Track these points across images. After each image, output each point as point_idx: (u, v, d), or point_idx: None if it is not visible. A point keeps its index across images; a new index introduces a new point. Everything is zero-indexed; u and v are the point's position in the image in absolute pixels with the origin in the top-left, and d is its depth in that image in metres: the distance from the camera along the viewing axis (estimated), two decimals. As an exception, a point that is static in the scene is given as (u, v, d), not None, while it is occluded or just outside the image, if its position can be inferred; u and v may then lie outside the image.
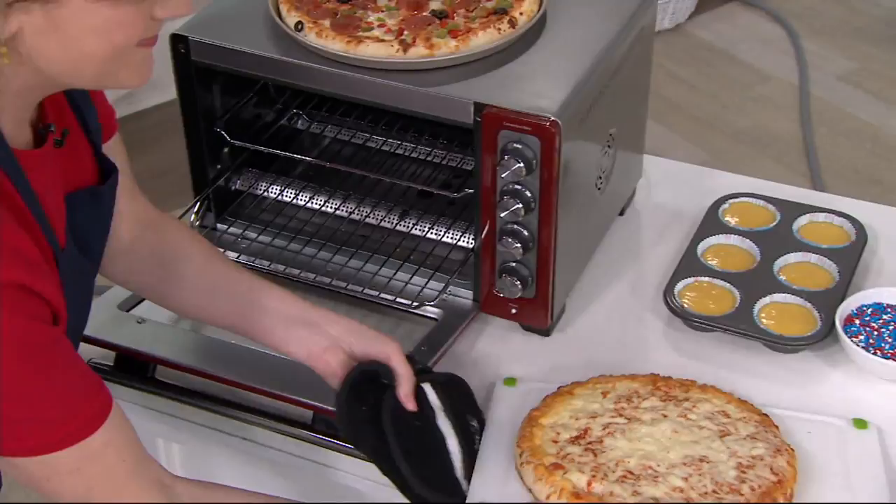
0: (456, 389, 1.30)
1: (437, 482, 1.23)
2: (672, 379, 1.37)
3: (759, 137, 3.33)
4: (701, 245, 1.53)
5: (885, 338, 1.38)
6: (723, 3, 3.88)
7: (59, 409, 1.07)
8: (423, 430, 1.24)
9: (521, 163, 1.31)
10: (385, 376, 1.25)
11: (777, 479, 1.23)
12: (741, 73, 3.58)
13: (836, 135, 3.32)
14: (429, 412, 1.25)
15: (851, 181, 3.15)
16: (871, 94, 3.46)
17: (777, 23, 3.78)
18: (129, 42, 1.01)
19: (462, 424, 1.26)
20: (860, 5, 3.87)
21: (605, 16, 1.46)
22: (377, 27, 1.39)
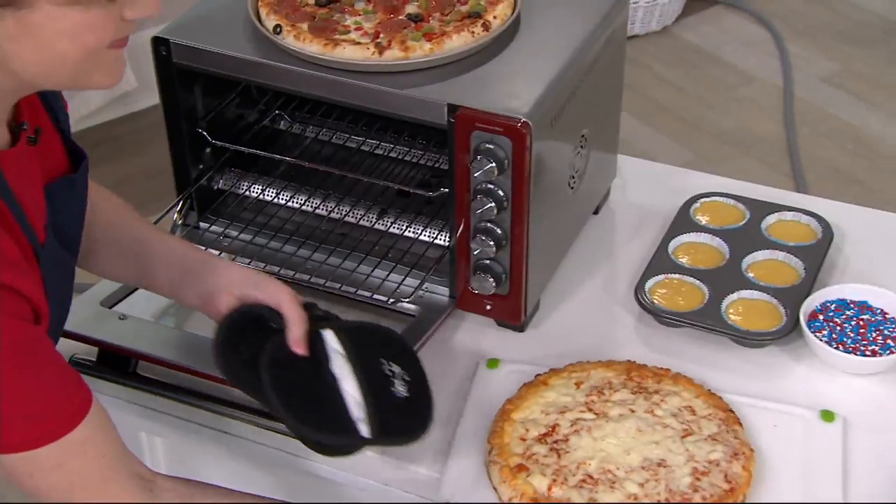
0: (370, 337, 1.28)
1: (326, 423, 1.21)
2: (646, 367, 1.39)
3: (743, 138, 3.34)
4: (672, 243, 1.55)
5: (847, 333, 1.39)
6: (709, 5, 3.89)
7: (40, 406, 1.08)
8: (312, 373, 1.23)
9: (494, 163, 1.33)
10: (273, 321, 1.24)
11: (730, 487, 1.25)
12: (726, 74, 3.59)
13: (819, 135, 3.34)
14: (322, 357, 1.23)
15: (833, 181, 3.17)
16: (854, 96, 3.48)
17: (762, 25, 3.79)
18: (100, 44, 1.03)
19: (369, 369, 1.24)
20: (843, 8, 3.88)
21: (577, 18, 1.47)
22: (354, 30, 1.41)
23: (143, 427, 1.49)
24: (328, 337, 1.25)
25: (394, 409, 1.24)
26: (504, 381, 1.40)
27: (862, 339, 1.39)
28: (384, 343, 1.29)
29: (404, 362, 1.28)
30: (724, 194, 1.62)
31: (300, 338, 1.24)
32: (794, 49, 3.66)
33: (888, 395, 1.37)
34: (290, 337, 1.24)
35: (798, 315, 1.41)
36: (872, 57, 3.63)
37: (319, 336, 1.25)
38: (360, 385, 1.22)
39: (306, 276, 1.47)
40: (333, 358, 1.23)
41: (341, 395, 1.22)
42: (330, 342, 1.25)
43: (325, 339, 1.25)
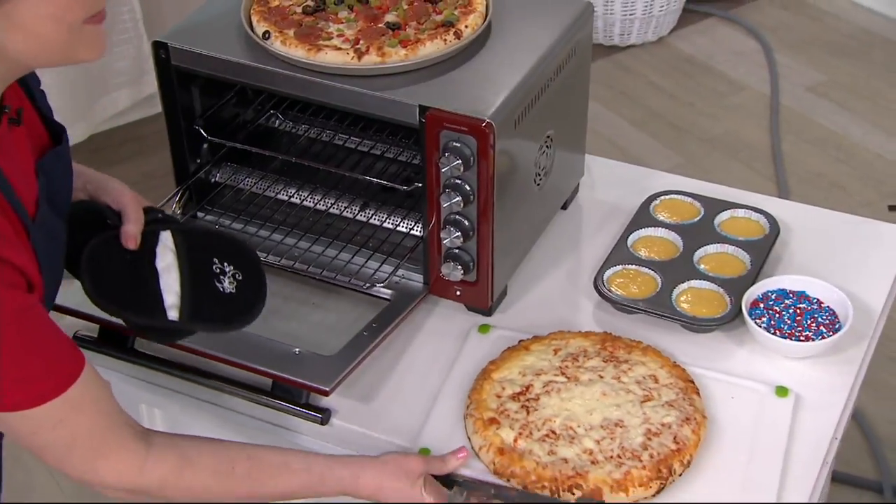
0: (210, 239, 1.37)
1: (133, 304, 1.29)
2: (621, 339, 1.46)
3: (731, 144, 3.39)
4: (631, 237, 1.61)
5: (784, 320, 1.45)
6: (703, 17, 3.94)
7: (39, 367, 1.15)
8: (136, 265, 1.29)
9: (460, 160, 1.40)
10: (111, 218, 1.32)
11: (677, 447, 1.31)
12: (717, 83, 3.64)
13: (803, 142, 3.38)
14: (148, 253, 1.30)
15: (815, 185, 3.21)
16: (837, 104, 3.52)
17: (753, 37, 3.84)
18: (77, 20, 1.10)
19: (197, 265, 1.31)
20: (831, 21, 3.92)
21: (543, 29, 1.54)
22: (336, 37, 1.48)
23: (142, 399, 1.55)
24: (164, 236, 1.32)
25: (213, 301, 1.32)
26: (491, 344, 1.49)
27: (798, 325, 1.45)
28: (224, 246, 1.36)
29: (242, 265, 1.35)
30: (682, 192, 1.68)
31: (131, 232, 1.31)
32: (783, 60, 3.71)
33: (820, 377, 1.43)
34: (123, 232, 1.31)
35: (741, 303, 1.47)
36: (856, 68, 3.67)
37: (156, 236, 1.32)
38: (181, 277, 1.29)
39: (291, 262, 1.54)
40: (162, 254, 1.31)
41: (158, 285, 1.28)
42: (164, 241, 1.32)
43: (161, 238, 1.32)
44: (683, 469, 1.30)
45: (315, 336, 1.46)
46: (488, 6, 1.55)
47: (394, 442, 1.38)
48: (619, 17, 3.69)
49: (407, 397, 1.43)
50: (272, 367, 1.39)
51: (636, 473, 1.28)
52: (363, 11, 1.52)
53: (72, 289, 1.50)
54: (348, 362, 1.39)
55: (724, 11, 3.94)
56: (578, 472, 1.29)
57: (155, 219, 1.34)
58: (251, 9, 1.53)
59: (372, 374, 1.46)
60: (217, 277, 1.32)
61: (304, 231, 1.59)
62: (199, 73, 1.52)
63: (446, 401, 1.41)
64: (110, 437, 1.22)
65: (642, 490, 1.28)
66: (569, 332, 1.48)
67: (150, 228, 1.32)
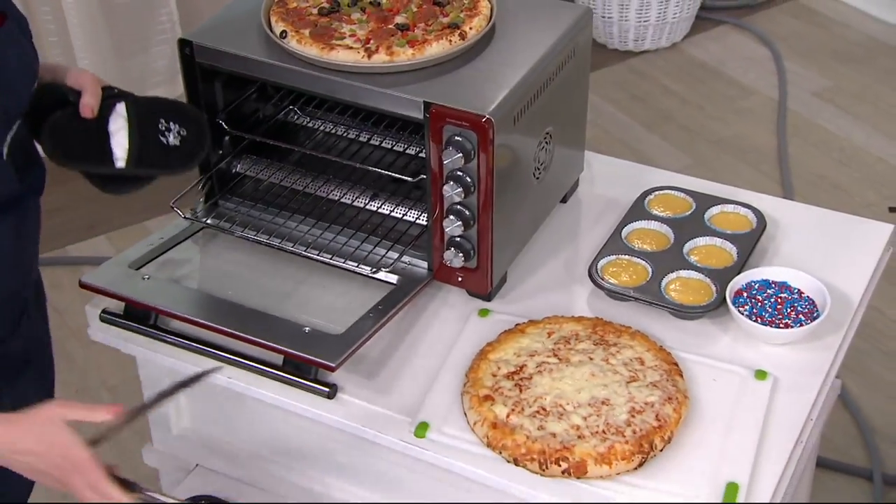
0: (161, 106, 1.48)
1: (86, 156, 1.44)
2: (611, 324, 1.50)
3: (739, 146, 3.41)
4: (626, 229, 1.65)
5: (766, 308, 1.49)
6: (716, 24, 3.96)
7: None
8: (92, 129, 1.43)
9: (461, 153, 1.44)
10: (72, 96, 1.43)
11: (658, 424, 1.35)
12: (727, 88, 3.67)
13: (809, 145, 3.40)
14: (103, 120, 1.43)
15: (819, 187, 3.23)
16: (842, 110, 3.54)
17: (764, 44, 3.85)
18: None
19: (145, 125, 1.44)
20: (839, 30, 3.93)
21: (544, 32, 1.58)
22: (349, 37, 1.53)
23: (164, 372, 1.62)
24: (118, 107, 1.45)
25: (158, 151, 1.46)
26: (490, 328, 1.53)
27: (778, 313, 1.48)
28: (172, 109, 1.49)
29: (186, 123, 1.48)
30: (676, 188, 1.72)
31: (88, 103, 1.41)
32: (792, 66, 3.73)
33: (797, 362, 1.47)
34: (81, 104, 1.41)
35: (726, 289, 1.51)
36: (861, 74, 3.69)
37: (112, 107, 1.44)
38: (129, 134, 1.42)
39: (304, 247, 1.59)
40: (114, 120, 1.44)
41: (110, 143, 1.44)
42: (118, 110, 1.45)
43: (115, 108, 1.44)
44: (664, 444, 1.35)
45: (325, 317, 1.51)
46: (493, 9, 1.59)
47: (395, 416, 1.43)
48: (634, 24, 3.72)
49: (409, 375, 1.48)
50: (283, 344, 1.45)
51: (619, 448, 1.32)
52: (375, 13, 1.57)
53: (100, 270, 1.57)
54: (354, 340, 1.44)
55: (737, 19, 3.97)
56: (565, 446, 1.33)
57: (111, 94, 1.46)
58: (271, 10, 1.59)
59: (377, 352, 1.51)
60: (163, 133, 1.46)
61: (316, 219, 1.64)
62: (221, 69, 1.57)
63: (445, 378, 1.46)
64: None
65: (625, 463, 1.32)
66: (562, 317, 1.52)
67: (106, 102, 1.44)
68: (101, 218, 3.18)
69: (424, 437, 1.39)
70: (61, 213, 3.15)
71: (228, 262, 1.63)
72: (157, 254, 1.61)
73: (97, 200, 3.31)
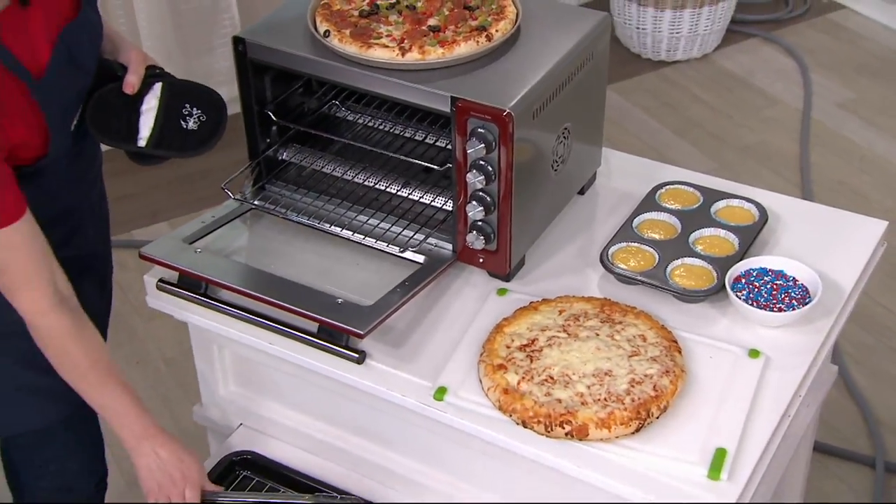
0: (190, 91, 1.61)
1: (115, 133, 1.57)
2: (618, 304, 1.56)
3: (762, 152, 3.45)
4: (637, 219, 1.71)
5: (762, 293, 1.55)
6: (746, 38, 4.00)
7: None
8: (129, 107, 1.57)
9: (484, 144, 1.51)
10: (119, 71, 1.57)
11: (655, 394, 1.41)
12: (755, 97, 3.70)
13: (830, 154, 3.43)
14: (140, 99, 1.57)
15: (838, 192, 3.26)
16: (865, 120, 3.55)
17: (791, 57, 3.88)
18: None
19: (171, 108, 1.58)
20: (865, 44, 3.95)
21: (564, 36, 1.65)
22: (385, 37, 1.61)
23: (211, 338, 1.71)
24: (156, 87, 1.59)
25: (175, 134, 1.59)
26: (507, 305, 1.60)
27: (773, 299, 1.54)
28: (199, 95, 1.62)
29: (208, 110, 1.61)
30: (686, 182, 1.78)
31: (130, 81, 1.56)
32: (818, 78, 3.75)
33: (789, 343, 1.52)
34: (125, 80, 1.55)
35: (726, 276, 1.57)
36: (885, 87, 3.70)
37: (151, 86, 1.58)
38: (156, 117, 1.54)
39: (340, 228, 1.67)
40: (148, 100, 1.58)
41: (139, 122, 1.57)
42: (154, 90, 1.59)
43: (153, 88, 1.58)
44: (660, 413, 1.41)
45: (357, 290, 1.59)
46: (518, 14, 1.66)
47: (417, 381, 1.50)
48: (667, 35, 3.76)
49: (431, 345, 1.56)
50: (318, 313, 1.53)
51: (618, 414, 1.39)
52: (410, 16, 1.65)
53: (158, 243, 1.67)
54: (382, 312, 1.52)
55: (766, 32, 4.00)
56: (569, 411, 1.40)
57: (154, 73, 1.60)
58: (316, 11, 1.67)
59: (403, 324, 1.58)
60: (184, 118, 1.59)
61: (352, 203, 1.72)
62: (270, 64, 1.66)
63: (464, 349, 1.54)
64: (34, 279, 1.43)
65: (623, 428, 1.39)
66: (573, 297, 1.59)
67: (147, 81, 1.58)
68: (164, 206, 3.29)
69: (443, 399, 1.47)
70: (130, 200, 3.28)
71: (272, 240, 1.71)
72: (208, 230, 1.70)
73: (162, 190, 3.45)
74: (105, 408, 1.56)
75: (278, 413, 1.74)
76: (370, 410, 1.61)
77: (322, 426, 1.70)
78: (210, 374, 1.78)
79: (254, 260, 1.67)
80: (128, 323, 2.84)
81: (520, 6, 1.68)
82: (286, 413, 1.73)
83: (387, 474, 1.65)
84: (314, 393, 1.68)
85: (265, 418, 1.75)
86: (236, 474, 1.71)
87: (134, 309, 2.87)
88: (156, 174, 3.43)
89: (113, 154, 3.73)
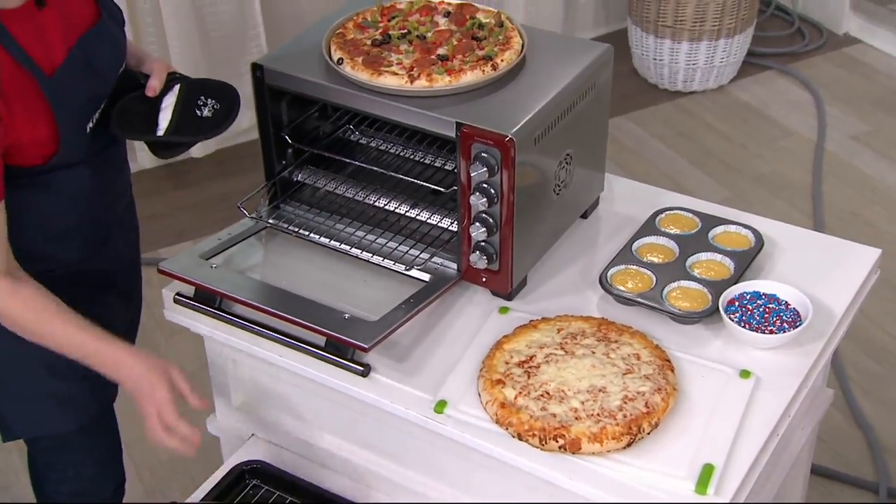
0: (206, 87, 1.75)
1: (136, 126, 1.69)
2: (615, 324, 1.61)
3: (776, 182, 3.48)
4: (637, 243, 1.76)
5: (755, 316, 1.58)
6: (762, 70, 4.03)
7: None
8: (150, 106, 1.70)
9: (486, 167, 1.57)
10: (143, 79, 1.71)
11: (647, 411, 1.45)
12: (769, 128, 3.74)
13: (843, 184, 3.45)
14: (160, 99, 1.70)
15: (849, 223, 3.28)
16: (878, 153, 3.58)
17: (806, 89, 3.92)
18: None
19: (188, 103, 1.71)
20: (881, 79, 3.97)
21: (568, 66, 1.70)
22: (395, 65, 1.67)
23: (224, 352, 1.77)
24: (175, 88, 1.72)
25: (190, 122, 1.71)
26: (508, 323, 1.64)
27: (765, 321, 1.58)
28: (214, 87, 1.76)
29: (222, 100, 1.74)
30: (685, 209, 1.82)
31: (152, 85, 1.69)
32: (832, 111, 3.78)
33: (779, 365, 1.56)
34: (148, 84, 1.69)
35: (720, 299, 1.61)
36: (899, 121, 3.73)
37: (170, 88, 1.71)
38: (174, 111, 1.70)
39: (349, 247, 1.73)
40: (167, 99, 1.71)
41: (158, 117, 1.70)
42: (173, 90, 1.72)
43: (171, 89, 1.71)
44: (651, 429, 1.45)
45: (363, 306, 1.64)
46: (524, 45, 1.72)
47: (419, 394, 1.55)
48: (683, 66, 3.81)
49: (434, 360, 1.60)
50: (325, 328, 1.58)
51: (610, 429, 1.43)
52: (420, 45, 1.71)
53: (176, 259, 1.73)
54: (386, 327, 1.57)
55: (782, 65, 4.04)
56: (563, 425, 1.44)
57: (173, 78, 1.73)
58: (331, 40, 1.74)
59: (408, 340, 1.63)
60: (199, 108, 1.72)
61: (363, 223, 1.77)
62: (286, 90, 1.73)
63: (465, 364, 1.58)
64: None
65: (614, 442, 1.43)
66: (572, 316, 1.63)
67: (168, 84, 1.71)
68: (190, 226, 3.37)
69: (443, 412, 1.52)
70: (157, 220, 3.36)
71: (284, 258, 1.77)
72: (224, 247, 1.76)
73: (187, 211, 3.53)
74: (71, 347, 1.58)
75: (288, 424, 1.79)
76: (375, 423, 1.66)
77: (329, 437, 1.75)
78: (224, 386, 1.84)
79: (266, 276, 1.73)
80: (151, 338, 2.91)
81: (525, 37, 1.73)
82: (295, 424, 1.79)
83: (391, 485, 1.70)
84: (322, 405, 1.73)
85: (275, 429, 1.81)
86: (246, 483, 1.76)
87: (157, 325, 2.94)
88: (182, 196, 3.53)
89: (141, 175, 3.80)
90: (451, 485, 1.65)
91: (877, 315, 2.89)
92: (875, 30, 4.12)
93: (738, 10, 3.73)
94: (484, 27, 1.76)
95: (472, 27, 1.76)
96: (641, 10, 3.80)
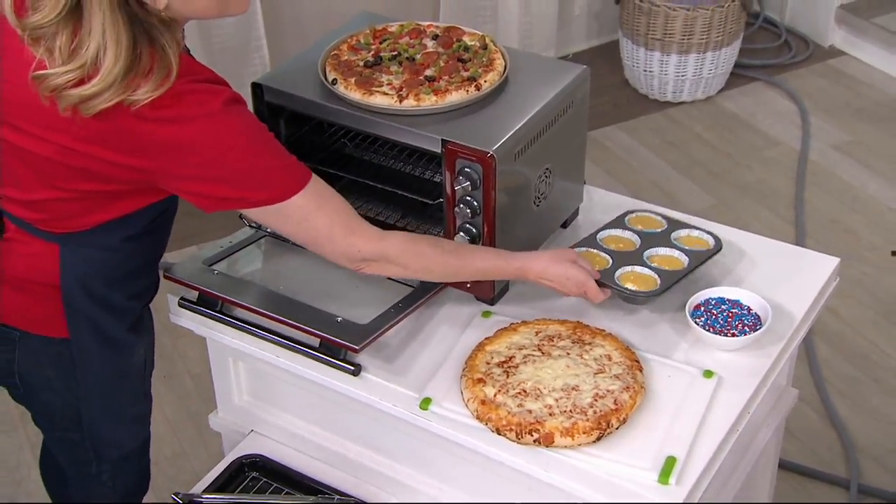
0: None
1: None
2: (589, 327, 1.71)
3: (760, 191, 3.58)
4: (602, 233, 1.86)
5: (718, 320, 1.69)
6: (749, 81, 4.14)
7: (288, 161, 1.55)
8: None
9: (469, 181, 1.68)
10: None
11: (616, 407, 1.56)
12: (755, 138, 3.84)
13: (824, 193, 3.56)
14: None
15: (830, 230, 3.39)
16: (859, 162, 3.68)
17: (792, 100, 4.02)
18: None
19: None
20: (864, 90, 4.08)
21: (547, 86, 1.81)
22: (385, 85, 1.78)
23: (228, 352, 1.88)
24: None
25: None
26: (490, 326, 1.75)
27: (728, 325, 1.68)
28: None
29: None
30: (653, 211, 1.93)
31: None
32: (816, 121, 3.89)
33: (740, 365, 1.66)
34: None
35: (669, 285, 1.72)
36: (880, 131, 3.83)
37: None
38: None
39: (343, 254, 1.84)
40: None
41: None
42: None
43: None
44: (619, 424, 1.56)
45: (355, 310, 1.74)
46: (506, 66, 1.83)
47: (406, 392, 1.66)
48: (672, 78, 3.92)
49: (421, 360, 1.71)
50: (319, 330, 1.69)
51: (581, 424, 1.54)
52: (409, 66, 1.82)
53: (180, 265, 1.84)
54: (376, 329, 1.68)
55: (769, 77, 4.14)
56: (538, 420, 1.55)
57: None
58: (326, 61, 1.85)
59: (397, 341, 1.74)
60: None
61: (356, 232, 1.88)
62: (284, 107, 1.84)
63: (450, 364, 1.69)
64: (354, 218, 1.60)
65: (585, 437, 1.54)
66: (549, 320, 1.74)
67: None
68: (195, 231, 3.47)
69: (427, 409, 1.62)
70: (162, 226, 3.47)
71: (282, 264, 1.88)
72: (226, 254, 1.87)
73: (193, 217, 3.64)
74: (481, 271, 1.70)
75: (285, 420, 1.90)
76: (366, 419, 1.77)
77: (323, 433, 1.86)
78: (225, 385, 1.95)
79: (265, 281, 1.84)
80: (158, 340, 2.99)
81: (508, 59, 1.85)
82: (292, 421, 1.90)
83: (381, 478, 1.81)
84: (316, 402, 1.84)
85: (273, 425, 1.91)
86: (245, 475, 1.87)
87: (164, 327, 3.03)
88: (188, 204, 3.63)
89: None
90: (436, 477, 1.76)
91: (855, 321, 3.00)
92: (859, 42, 4.23)
93: (725, 24, 3.84)
94: (469, 49, 1.87)
95: (458, 49, 1.87)
96: (632, 24, 3.91)
